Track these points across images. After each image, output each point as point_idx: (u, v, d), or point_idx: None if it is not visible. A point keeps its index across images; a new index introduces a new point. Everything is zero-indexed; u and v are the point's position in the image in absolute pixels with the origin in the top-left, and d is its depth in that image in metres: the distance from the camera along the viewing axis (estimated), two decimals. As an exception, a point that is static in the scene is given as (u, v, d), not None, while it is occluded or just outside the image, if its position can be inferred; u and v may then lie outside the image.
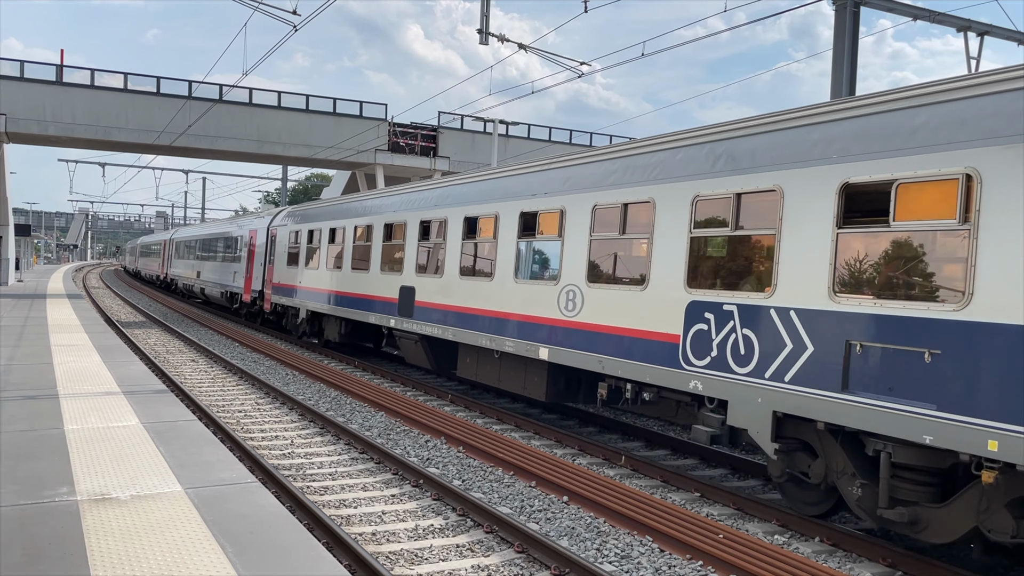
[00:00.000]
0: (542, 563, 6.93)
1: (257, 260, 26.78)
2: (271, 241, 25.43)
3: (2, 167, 36.26)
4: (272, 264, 24.98)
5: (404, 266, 16.05)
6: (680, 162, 9.47)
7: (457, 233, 14.22)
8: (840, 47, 15.09)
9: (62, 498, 5.79)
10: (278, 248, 24.53)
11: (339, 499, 8.63)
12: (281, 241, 24.25)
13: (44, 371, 11.76)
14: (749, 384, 8.08)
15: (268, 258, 25.57)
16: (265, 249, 25.98)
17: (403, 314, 15.78)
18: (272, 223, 25.72)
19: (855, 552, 7.54)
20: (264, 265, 25.94)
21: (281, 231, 24.48)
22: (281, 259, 24.09)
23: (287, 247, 23.60)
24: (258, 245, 26.85)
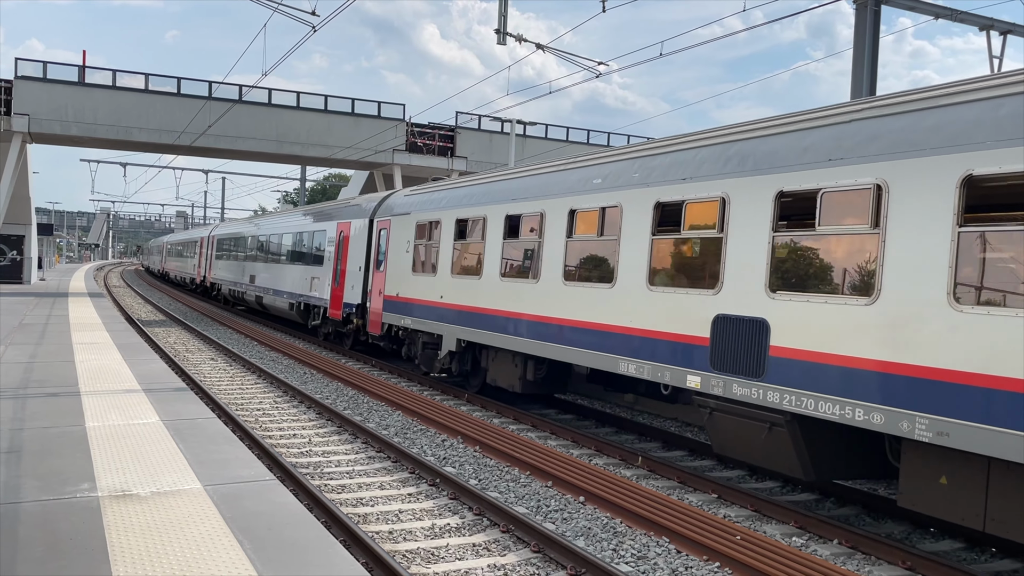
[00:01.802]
0: (558, 563, 6.93)
1: (352, 263, 20.19)
2: (378, 237, 18.82)
3: (25, 167, 36.66)
4: (381, 269, 18.25)
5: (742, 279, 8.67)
6: None
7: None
8: (860, 46, 14.97)
9: (83, 494, 5.85)
10: (392, 247, 17.67)
11: (356, 497, 8.66)
12: (399, 237, 17.44)
13: (66, 369, 11.89)
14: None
15: (373, 261, 18.95)
16: (367, 249, 19.39)
17: (735, 370, 8.61)
18: (379, 213, 19.22)
19: (874, 555, 7.48)
20: (366, 270, 19.31)
21: (399, 223, 17.62)
22: (399, 262, 17.27)
23: (410, 244, 16.80)
24: (353, 243, 20.37)
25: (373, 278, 18.70)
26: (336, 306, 20.99)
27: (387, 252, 17.95)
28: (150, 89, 32.61)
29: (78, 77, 31.55)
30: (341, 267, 20.93)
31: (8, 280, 39.06)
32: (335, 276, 21.29)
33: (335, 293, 21.16)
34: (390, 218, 18.16)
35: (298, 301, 24.71)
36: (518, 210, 13.08)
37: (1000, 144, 6.46)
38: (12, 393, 9.72)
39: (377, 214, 19.25)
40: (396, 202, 18.45)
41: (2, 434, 7.59)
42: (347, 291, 20.22)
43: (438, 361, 15.55)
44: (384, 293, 17.72)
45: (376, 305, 18.27)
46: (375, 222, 19.23)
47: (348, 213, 21.50)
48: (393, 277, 17.45)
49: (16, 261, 40.39)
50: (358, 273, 19.68)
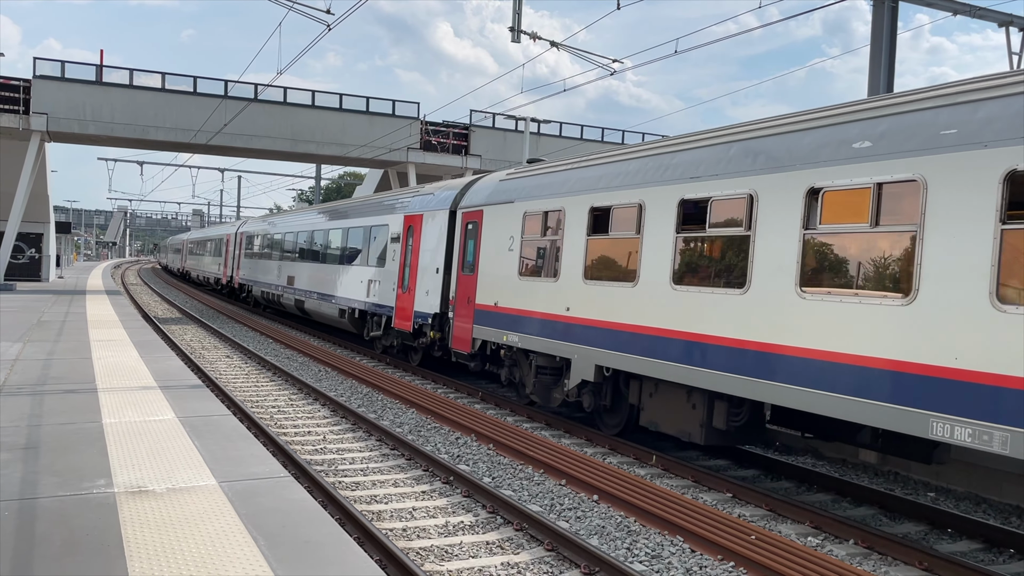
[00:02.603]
0: (572, 561, 6.92)
1: (426, 265, 16.98)
2: (463, 233, 15.54)
3: (44, 165, 36.99)
4: (471, 272, 14.88)
5: None
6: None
7: None
8: (878, 43, 14.84)
9: (100, 490, 5.89)
10: (487, 244, 14.38)
11: (370, 495, 8.69)
12: (497, 232, 14.01)
13: (83, 365, 11.99)
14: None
15: (458, 262, 15.59)
16: (447, 247, 16.22)
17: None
18: (464, 202, 15.74)
19: (890, 555, 7.42)
20: (446, 273, 16.09)
21: (496, 215, 14.13)
22: (498, 263, 13.91)
23: (514, 241, 13.40)
24: (427, 240, 17.14)
25: (459, 283, 15.14)
26: (404, 315, 17.59)
27: (479, 251, 14.46)
28: (167, 88, 32.82)
29: (96, 76, 31.80)
30: (411, 269, 17.57)
31: (27, 278, 39.43)
32: (402, 280, 17.91)
33: (402, 300, 17.80)
34: (482, 208, 14.62)
35: (351, 308, 21.19)
36: (703, 192, 9.51)
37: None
38: (31, 390, 9.81)
39: (462, 204, 15.67)
40: (490, 188, 14.82)
41: (20, 430, 7.66)
42: (419, 298, 16.90)
43: (560, 391, 12.33)
44: (476, 302, 14.28)
45: (464, 316, 14.83)
46: (459, 214, 15.64)
47: (419, 204, 17.92)
48: (489, 282, 13.95)
49: (35, 259, 40.78)
50: (435, 276, 16.26)
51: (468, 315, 14.71)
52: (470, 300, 14.65)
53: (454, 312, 15.35)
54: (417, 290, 17.12)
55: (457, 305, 15.22)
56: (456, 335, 15.21)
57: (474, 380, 16.97)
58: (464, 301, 14.89)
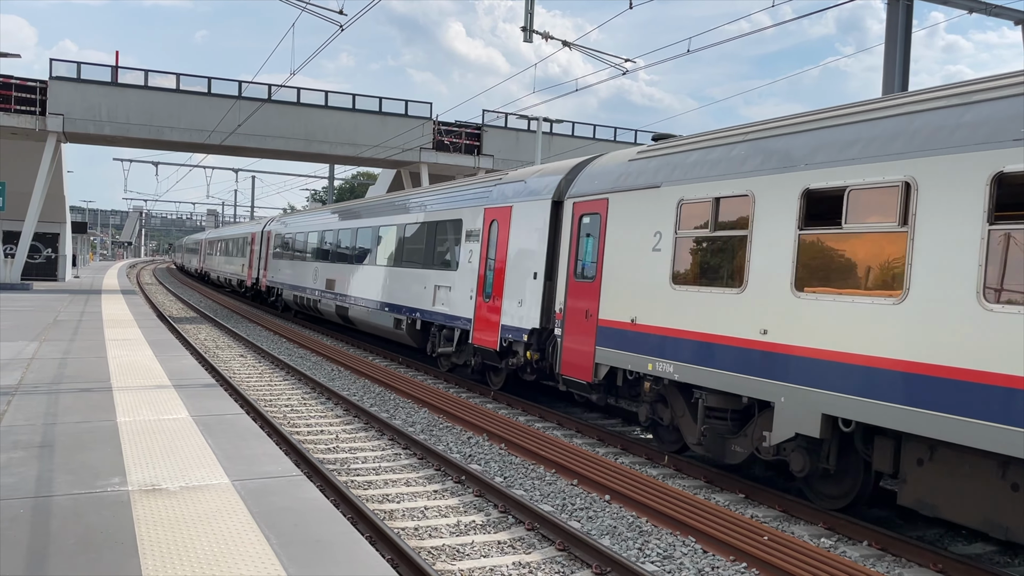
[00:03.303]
0: (583, 561, 6.92)
1: (518, 268, 13.89)
2: (575, 228, 12.29)
3: (60, 166, 37.29)
4: (589, 278, 11.77)
5: None
6: None
7: None
8: (892, 41, 14.76)
9: (114, 488, 5.93)
10: (615, 243, 11.23)
11: (382, 494, 8.71)
12: (633, 227, 10.90)
13: (98, 364, 12.07)
14: None
15: (569, 266, 12.34)
16: (549, 246, 13.15)
17: None
18: (574, 190, 12.52)
19: (904, 557, 7.38)
20: (548, 279, 13.13)
21: (630, 205, 11.04)
22: (634, 267, 10.81)
23: (662, 238, 10.34)
24: (519, 237, 14.03)
25: (570, 292, 12.08)
26: (488, 329, 14.62)
27: (602, 251, 11.38)
28: (181, 89, 33.00)
29: (111, 77, 32.01)
30: (494, 273, 14.62)
31: (43, 277, 39.75)
32: (482, 286, 14.95)
33: (484, 311, 14.84)
34: (605, 196, 11.50)
35: (412, 318, 18.09)
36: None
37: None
38: (46, 388, 9.89)
39: (572, 192, 12.47)
40: (617, 170, 11.59)
41: (36, 428, 7.73)
42: (508, 309, 13.95)
43: (746, 443, 9.14)
44: (599, 317, 11.30)
45: (579, 335, 11.76)
46: (567, 205, 12.50)
47: (504, 194, 14.88)
48: (621, 292, 10.91)
49: (51, 259, 41.10)
50: (531, 283, 13.31)
51: (586, 334, 11.59)
52: (589, 314, 11.54)
53: (563, 329, 12.17)
54: (505, 299, 14.12)
55: (568, 320, 12.07)
56: (567, 359, 12.06)
57: (579, 413, 14.07)
58: (579, 315, 11.79)
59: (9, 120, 30.46)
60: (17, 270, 32.39)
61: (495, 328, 14.39)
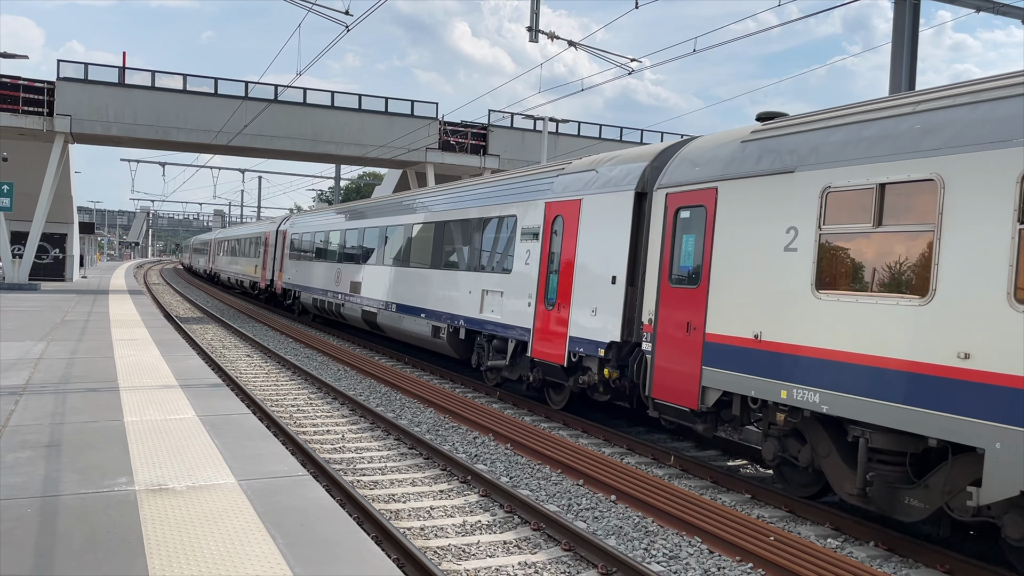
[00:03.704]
0: (589, 561, 6.91)
1: (589, 272, 12.11)
2: (668, 226, 10.36)
3: (67, 167, 37.44)
4: (688, 282, 9.97)
5: None
6: None
7: None
8: (900, 40, 14.71)
9: (121, 488, 5.96)
10: (726, 243, 9.42)
11: (388, 493, 8.72)
12: (754, 223, 9.02)
13: (106, 364, 12.11)
14: None
15: (662, 269, 10.38)
16: (631, 246, 11.40)
17: None
18: (665, 180, 10.57)
19: (911, 557, 7.35)
20: (631, 284, 11.33)
21: (749, 195, 9.15)
22: (756, 272, 8.91)
23: (798, 235, 8.42)
24: (590, 235, 12.24)
25: (663, 300, 10.17)
26: (552, 341, 12.70)
27: (709, 251, 9.49)
28: (188, 90, 33.12)
29: (118, 78, 32.13)
30: (560, 276, 12.72)
31: (51, 277, 39.92)
32: (544, 291, 13.11)
33: (547, 320, 12.96)
34: (713, 185, 9.52)
35: (454, 326, 16.35)
36: None
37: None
38: (54, 388, 9.93)
39: (665, 181, 10.45)
40: (728, 153, 9.62)
41: (44, 428, 7.76)
42: (578, 318, 12.10)
43: (928, 495, 7.22)
44: (707, 331, 9.39)
45: (677, 352, 9.84)
46: (657, 196, 10.51)
47: (570, 185, 12.93)
48: (735, 300, 9.03)
49: (58, 259, 41.28)
50: (610, 289, 11.49)
51: (688, 350, 9.66)
52: (691, 327, 9.65)
53: (654, 343, 10.24)
54: (573, 307, 12.25)
55: (661, 333, 10.16)
56: (661, 380, 10.10)
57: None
58: (677, 328, 9.91)
59: (17, 121, 30.60)
60: (25, 270, 32.54)
61: (561, 340, 12.48)
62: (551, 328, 12.86)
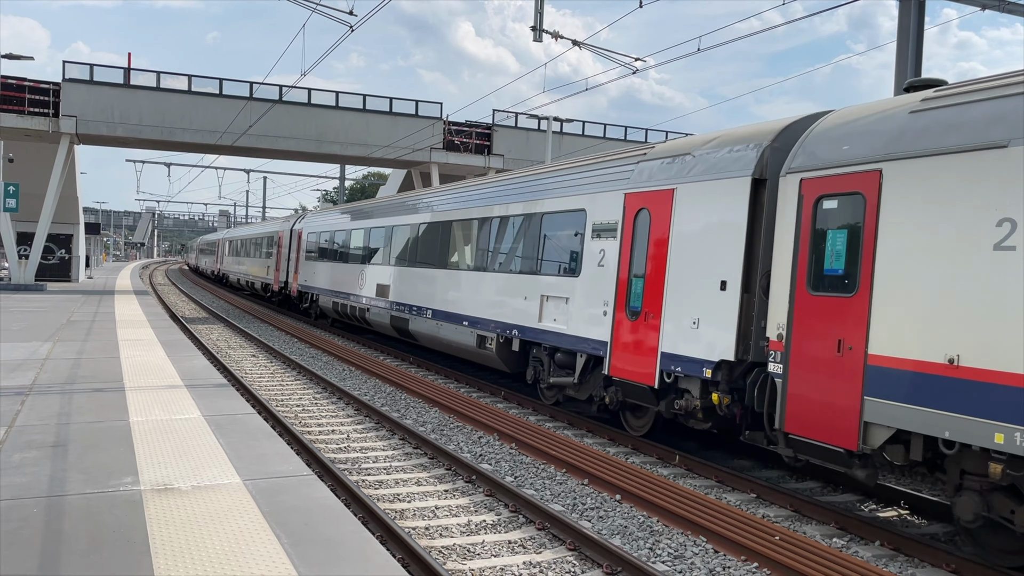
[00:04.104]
0: (594, 561, 6.91)
1: (686, 276, 10.31)
2: (811, 219, 8.46)
3: (73, 167, 37.53)
4: (839, 290, 8.07)
5: None
6: None
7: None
8: (905, 38, 14.67)
9: (126, 487, 5.97)
10: (900, 239, 7.52)
11: (393, 493, 8.72)
12: (939, 216, 7.19)
13: (111, 364, 12.14)
14: None
15: (787, 271, 8.62)
16: (746, 244, 9.50)
17: None
18: (804, 159, 8.62)
19: (917, 557, 7.33)
20: (751, 291, 9.50)
21: (934, 174, 7.28)
22: (955, 275, 6.98)
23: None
24: (687, 234, 10.37)
25: (800, 309, 8.31)
26: (636, 357, 10.86)
27: (873, 250, 7.71)
28: (193, 90, 33.17)
29: (123, 79, 32.20)
30: (648, 281, 10.85)
31: (57, 278, 40.04)
32: (625, 298, 11.23)
33: (631, 332, 11.02)
34: (875, 167, 7.82)
35: (506, 335, 14.50)
36: None
37: None
38: (60, 388, 9.95)
39: (795, 164, 8.64)
40: (889, 127, 7.92)
41: (50, 428, 7.78)
42: (674, 331, 10.23)
43: None
44: (872, 351, 7.57)
45: (826, 376, 7.95)
46: (787, 183, 8.68)
47: (659, 173, 11.03)
48: (915, 312, 7.25)
49: (64, 259, 41.38)
50: (718, 297, 9.62)
51: (840, 375, 7.79)
52: (845, 346, 7.77)
53: (787, 364, 8.43)
54: (667, 318, 10.36)
55: (797, 352, 8.30)
56: (798, 411, 8.19)
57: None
58: (821, 345, 8.02)
59: (23, 122, 30.68)
60: (31, 271, 32.63)
61: (649, 357, 10.60)
62: (636, 342, 10.92)
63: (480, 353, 15.54)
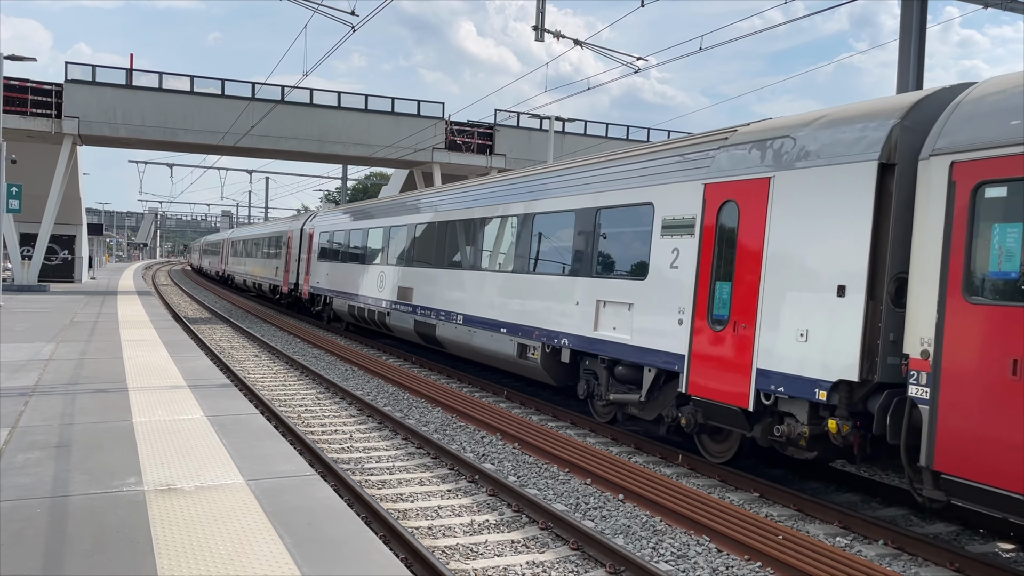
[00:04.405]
0: (597, 560, 6.91)
1: (787, 280, 8.71)
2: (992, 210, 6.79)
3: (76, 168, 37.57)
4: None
5: None
6: None
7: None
8: (907, 37, 14.65)
9: (130, 488, 5.97)
10: None
11: (396, 493, 8.73)
12: None
13: (114, 365, 12.16)
14: None
15: (938, 272, 7.10)
16: (871, 242, 7.91)
17: None
18: (990, 132, 6.84)
19: (921, 555, 7.32)
20: (877, 298, 7.89)
21: None
22: None
23: None
24: (786, 231, 8.79)
25: (954, 320, 6.95)
26: (723, 373, 9.33)
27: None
28: (195, 91, 33.21)
29: (126, 80, 32.24)
30: (739, 285, 9.24)
31: (60, 279, 40.08)
32: (707, 304, 9.70)
33: (716, 343, 9.50)
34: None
35: (553, 344, 12.91)
36: None
37: None
38: (63, 389, 9.97)
39: (937, 146, 7.34)
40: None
41: (53, 429, 7.79)
42: (773, 344, 8.75)
43: None
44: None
45: (999, 408, 6.50)
46: (930, 166, 7.33)
47: (748, 158, 9.47)
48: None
49: (67, 260, 41.44)
50: (834, 304, 8.18)
51: (1015, 405, 6.39)
52: (1021, 369, 6.44)
53: (936, 388, 6.97)
54: (764, 328, 8.87)
55: (951, 374, 6.85)
56: (956, 448, 6.78)
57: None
58: (988, 367, 6.62)
59: (25, 123, 30.74)
60: (34, 272, 32.69)
61: (741, 374, 9.04)
62: (722, 356, 9.36)
63: (521, 364, 14.00)
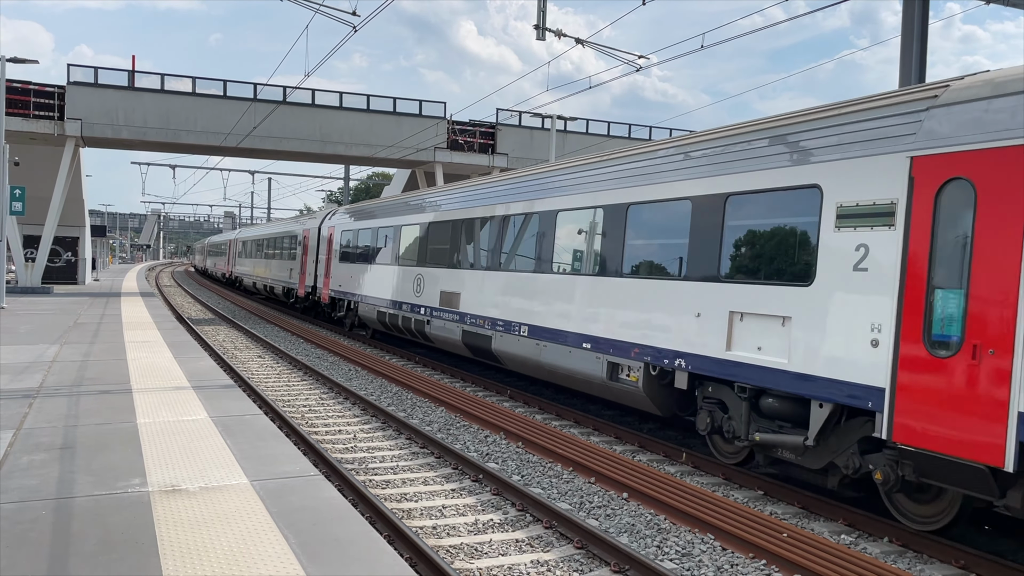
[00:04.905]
0: (601, 559, 6.91)
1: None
2: None
3: (79, 170, 37.64)
4: None
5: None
6: None
7: None
8: (909, 33, 14.61)
9: (134, 489, 5.98)
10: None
11: (400, 493, 8.73)
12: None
13: (118, 366, 12.17)
14: None
15: None
16: None
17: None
18: None
19: (926, 553, 7.31)
20: None
21: None
22: None
23: None
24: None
25: None
26: (948, 414, 6.78)
27: None
28: (197, 92, 33.24)
29: (128, 82, 32.28)
30: (973, 298, 6.73)
31: (63, 281, 40.15)
32: (923, 322, 7.08)
33: (939, 375, 6.90)
34: None
35: (663, 366, 10.33)
36: None
37: None
38: (67, 391, 9.98)
39: None
40: None
41: (57, 430, 7.80)
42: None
43: None
44: None
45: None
46: None
47: (984, 120, 6.84)
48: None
49: (71, 262, 41.50)
50: None
51: None
52: None
53: None
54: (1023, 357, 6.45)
55: None
56: None
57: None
58: None
59: (28, 125, 30.79)
60: (38, 274, 32.75)
61: (990, 419, 6.50)
62: (952, 391, 6.80)
63: (611, 387, 11.45)
